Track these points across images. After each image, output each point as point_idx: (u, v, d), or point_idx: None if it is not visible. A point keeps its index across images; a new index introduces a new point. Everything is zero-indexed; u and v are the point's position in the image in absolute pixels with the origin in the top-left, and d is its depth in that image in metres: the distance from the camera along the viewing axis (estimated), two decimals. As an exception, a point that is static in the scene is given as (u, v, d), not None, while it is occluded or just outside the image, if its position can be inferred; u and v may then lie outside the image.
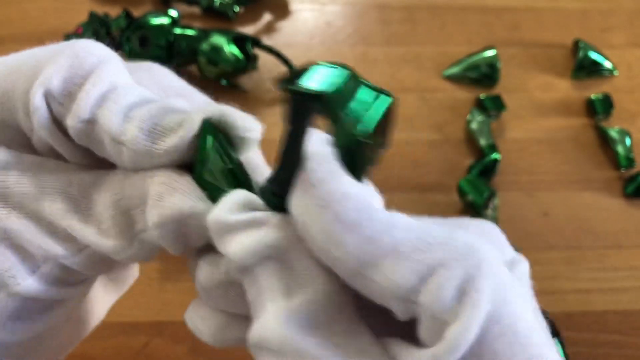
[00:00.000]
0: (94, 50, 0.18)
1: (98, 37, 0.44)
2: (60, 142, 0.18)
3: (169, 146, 0.17)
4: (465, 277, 0.14)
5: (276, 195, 0.17)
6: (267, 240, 0.16)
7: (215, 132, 0.18)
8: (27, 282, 0.18)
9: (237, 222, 0.16)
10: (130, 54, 0.44)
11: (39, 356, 0.21)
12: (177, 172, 0.18)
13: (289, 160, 0.17)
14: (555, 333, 0.37)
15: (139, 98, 0.18)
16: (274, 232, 0.16)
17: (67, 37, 0.44)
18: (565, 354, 0.36)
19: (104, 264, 0.19)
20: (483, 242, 0.15)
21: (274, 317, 0.15)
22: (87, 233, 0.18)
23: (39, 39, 0.47)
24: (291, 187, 0.16)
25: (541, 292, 0.40)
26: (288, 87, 0.16)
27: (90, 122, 0.17)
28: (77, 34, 0.44)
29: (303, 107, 0.16)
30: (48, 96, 0.17)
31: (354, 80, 0.16)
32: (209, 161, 0.18)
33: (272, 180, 0.18)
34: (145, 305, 0.38)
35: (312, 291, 0.16)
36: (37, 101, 0.17)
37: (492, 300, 0.14)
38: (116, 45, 0.44)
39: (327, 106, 0.16)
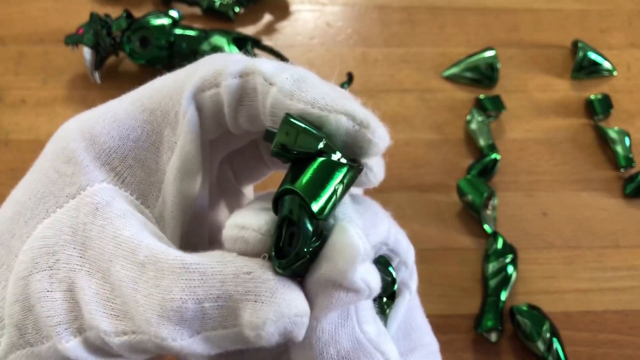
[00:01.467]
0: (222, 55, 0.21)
1: (99, 38, 0.44)
2: (196, 141, 0.20)
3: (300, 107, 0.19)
4: None
5: None
6: None
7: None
8: (70, 344, 0.18)
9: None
10: (131, 55, 0.44)
11: None
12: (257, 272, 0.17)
13: None
14: (554, 333, 0.37)
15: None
16: None
17: (68, 37, 0.45)
18: (564, 354, 0.37)
19: (140, 354, 0.18)
20: None
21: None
22: (147, 313, 0.17)
23: (40, 40, 0.48)
24: None
25: (540, 292, 0.40)
26: None
27: (243, 75, 0.19)
28: (78, 34, 0.44)
29: None
30: (198, 94, 0.20)
31: None
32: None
33: None
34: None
35: None
36: (186, 103, 0.20)
37: None
38: (117, 45, 0.45)
39: None
